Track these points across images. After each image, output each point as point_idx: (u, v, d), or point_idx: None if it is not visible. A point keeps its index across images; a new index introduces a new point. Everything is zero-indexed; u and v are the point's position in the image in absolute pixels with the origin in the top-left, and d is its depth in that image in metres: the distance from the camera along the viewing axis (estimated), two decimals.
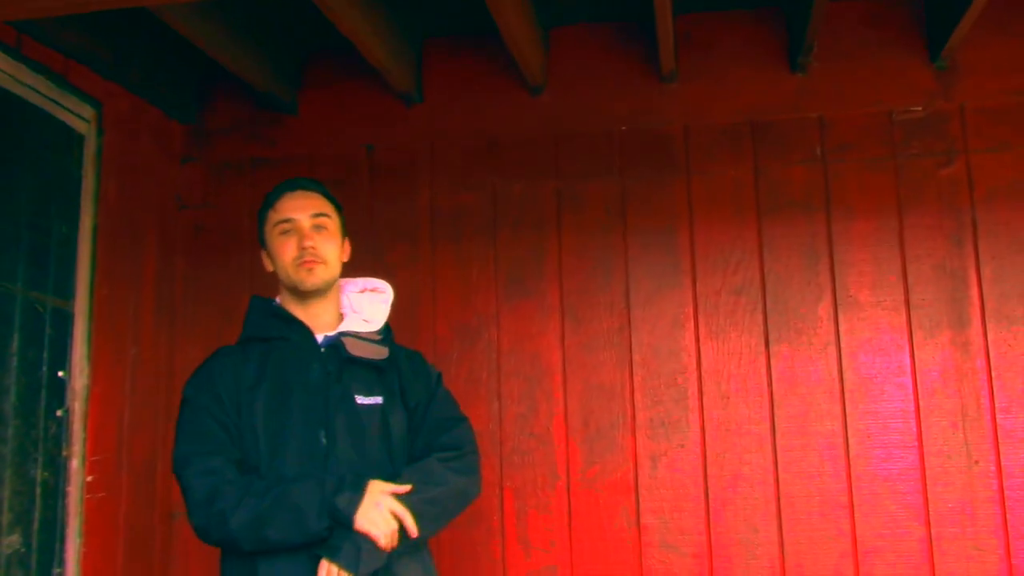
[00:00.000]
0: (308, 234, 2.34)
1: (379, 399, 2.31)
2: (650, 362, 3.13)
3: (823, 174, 3.19)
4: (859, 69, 3.22)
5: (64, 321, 2.87)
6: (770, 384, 3.07)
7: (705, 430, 3.06)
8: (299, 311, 2.38)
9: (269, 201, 2.45)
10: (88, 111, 3.02)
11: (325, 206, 2.42)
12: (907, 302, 3.08)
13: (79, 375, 2.89)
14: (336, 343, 2.35)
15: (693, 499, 3.03)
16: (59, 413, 2.82)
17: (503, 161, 3.33)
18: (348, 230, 3.28)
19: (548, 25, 3.36)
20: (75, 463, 2.85)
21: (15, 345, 2.67)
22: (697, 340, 3.12)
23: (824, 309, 3.09)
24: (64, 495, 2.81)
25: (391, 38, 3.14)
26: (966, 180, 3.13)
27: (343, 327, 2.39)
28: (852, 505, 2.97)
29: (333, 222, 2.42)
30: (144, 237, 3.25)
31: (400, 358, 2.43)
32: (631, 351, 3.14)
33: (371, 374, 2.34)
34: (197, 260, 3.37)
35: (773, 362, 3.08)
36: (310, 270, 2.31)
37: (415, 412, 2.38)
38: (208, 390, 2.32)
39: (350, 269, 3.28)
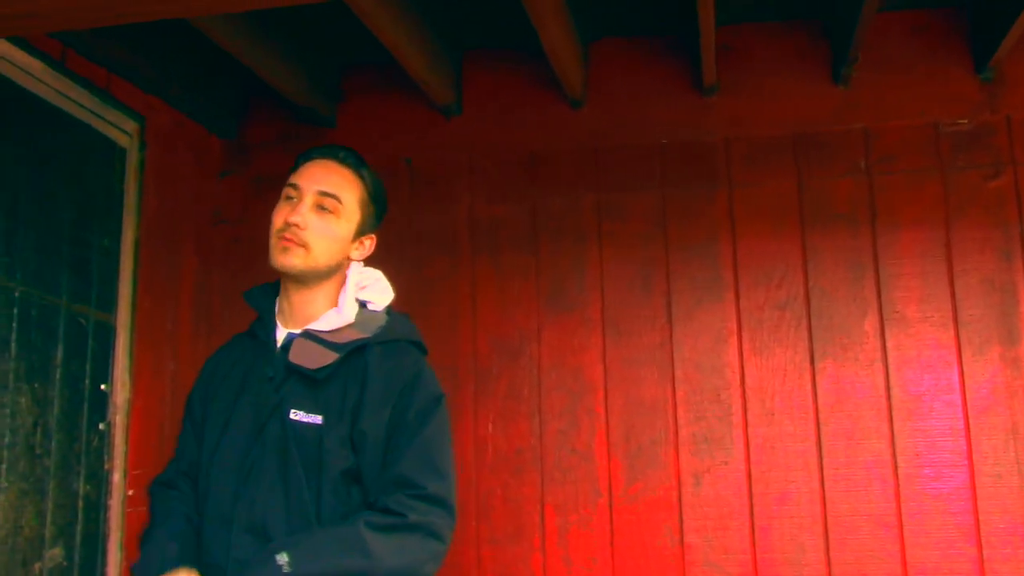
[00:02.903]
0: (300, 209, 1.96)
1: (318, 418, 1.87)
2: (693, 377, 3.09)
3: (868, 187, 3.14)
4: (903, 80, 3.18)
5: (106, 334, 2.88)
6: (815, 401, 3.02)
7: (749, 447, 3.01)
8: (283, 299, 2.03)
9: (296, 160, 2.14)
10: (130, 125, 3.03)
11: (343, 186, 2.01)
12: (955, 318, 3.02)
13: (120, 388, 2.89)
14: (289, 344, 1.97)
15: (737, 517, 2.98)
16: (101, 426, 2.82)
17: (543, 174, 3.31)
18: (387, 242, 3.26)
19: (588, 39, 3.34)
20: (116, 476, 2.85)
21: (59, 358, 2.67)
22: (740, 355, 3.07)
23: (870, 324, 3.04)
24: (106, 508, 2.81)
25: (431, 51, 3.13)
26: (1014, 193, 3.07)
27: (313, 324, 1.97)
28: (901, 525, 2.91)
29: (346, 207, 2.01)
30: (183, 250, 3.26)
31: (369, 369, 1.90)
32: (673, 366, 3.10)
33: (312, 386, 1.91)
34: (235, 273, 3.37)
35: (818, 378, 3.03)
36: (285, 249, 1.95)
37: (367, 444, 1.86)
38: (194, 389, 2.16)
39: (389, 281, 3.27)
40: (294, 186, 2.00)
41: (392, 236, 3.32)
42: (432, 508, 1.83)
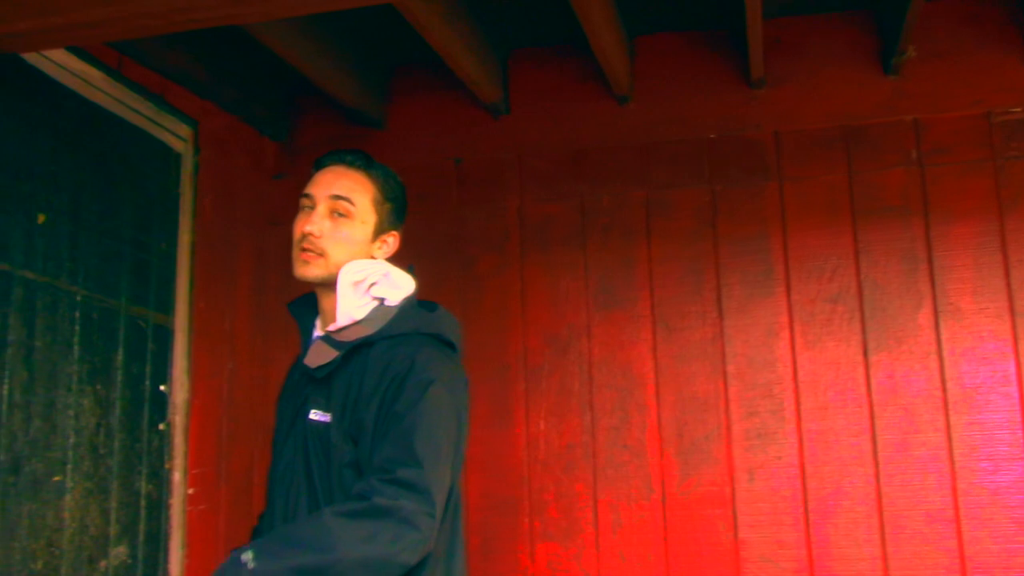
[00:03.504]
0: (314, 217, 1.98)
1: (328, 416, 1.90)
2: (745, 372, 3.08)
3: (920, 178, 3.11)
4: (955, 70, 3.14)
5: (165, 336, 2.93)
6: (869, 394, 2.99)
7: (803, 442, 3.00)
8: (319, 305, 2.07)
9: (312, 170, 2.14)
10: (185, 130, 3.09)
11: (355, 189, 2.02)
12: (1011, 308, 2.99)
13: (180, 389, 2.95)
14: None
15: (792, 512, 2.97)
16: (161, 427, 2.88)
17: (591, 170, 3.32)
18: (437, 242, 3.29)
19: (634, 34, 3.34)
20: (177, 476, 2.90)
21: (120, 360, 2.73)
22: (793, 350, 3.06)
23: (924, 317, 3.01)
24: (167, 507, 2.87)
25: (479, 50, 3.15)
26: None
27: (331, 326, 1.99)
28: (958, 519, 2.89)
29: (360, 209, 2.01)
30: (239, 252, 3.31)
31: (368, 363, 1.91)
32: (725, 361, 3.09)
33: (324, 386, 1.95)
34: (290, 274, 3.39)
35: (872, 372, 3.01)
36: (304, 262, 1.98)
37: (362, 436, 1.86)
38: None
39: (440, 280, 3.31)
40: (308, 196, 2.02)
41: (441, 236, 3.37)
42: (402, 492, 1.74)
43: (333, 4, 2.21)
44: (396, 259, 2.13)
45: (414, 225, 3.32)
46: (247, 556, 1.66)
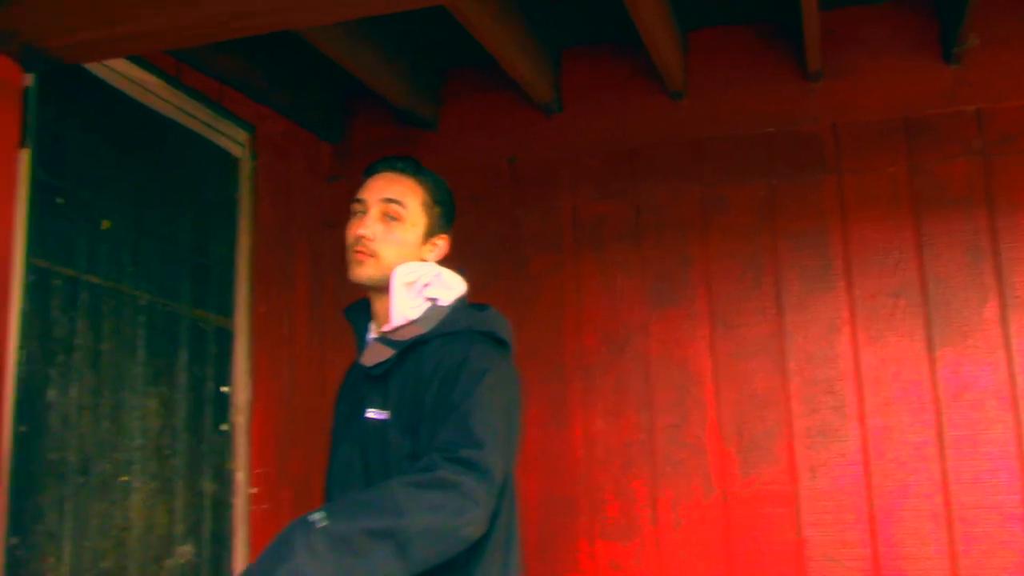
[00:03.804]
0: (367, 221, 2.02)
1: (386, 414, 1.94)
2: (805, 369, 3.04)
3: (983, 169, 3.04)
4: (1018, 58, 3.06)
5: (226, 338, 2.98)
6: (935, 390, 2.93)
7: (867, 439, 2.95)
8: (372, 308, 2.10)
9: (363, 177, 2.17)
10: (242, 135, 3.13)
11: (405, 192, 2.05)
12: None
13: (241, 390, 2.99)
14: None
15: (856, 511, 2.92)
16: (224, 427, 2.92)
17: (645, 168, 3.30)
18: (491, 242, 3.30)
19: (686, 28, 3.31)
20: (240, 476, 2.94)
21: (183, 362, 2.78)
22: (854, 345, 3.01)
23: (990, 311, 2.95)
24: (230, 507, 2.91)
25: (531, 50, 3.15)
26: None
27: (386, 326, 2.03)
28: None
29: (410, 212, 2.05)
30: (297, 254, 3.35)
31: (424, 360, 1.94)
32: (785, 358, 3.05)
33: (380, 384, 1.98)
34: (346, 276, 3.43)
35: (937, 367, 2.94)
36: (359, 263, 2.01)
37: (420, 429, 1.89)
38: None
39: (494, 280, 3.32)
40: (360, 201, 2.06)
41: (495, 236, 3.38)
42: (464, 470, 1.77)
43: (385, 7, 2.22)
44: (446, 262, 2.14)
45: (467, 225, 3.33)
46: (317, 516, 1.69)
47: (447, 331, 1.97)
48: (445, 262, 2.13)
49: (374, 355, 1.97)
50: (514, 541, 1.95)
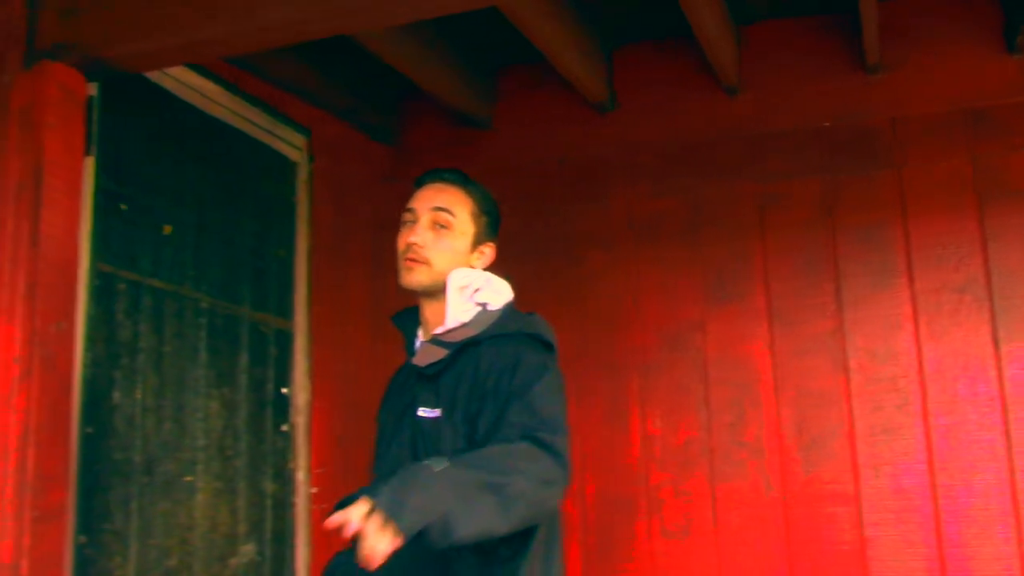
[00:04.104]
0: (417, 229, 2.09)
1: (438, 411, 1.99)
2: (867, 366, 2.99)
3: None
4: None
5: (286, 340, 3.02)
6: (1002, 387, 2.87)
7: (931, 437, 2.89)
8: (421, 313, 2.17)
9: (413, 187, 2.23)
10: (299, 139, 3.17)
11: (454, 202, 2.12)
12: None
13: (301, 391, 3.03)
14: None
15: (921, 510, 2.87)
16: (284, 428, 2.97)
17: (700, 164, 3.27)
18: (545, 241, 3.30)
19: (741, 22, 3.28)
20: (300, 476, 2.98)
21: (244, 364, 2.82)
22: (917, 342, 2.95)
23: None
24: (292, 506, 2.95)
25: (584, 48, 3.14)
26: None
27: (438, 329, 2.09)
28: None
29: (459, 220, 2.11)
30: (354, 257, 3.38)
31: (476, 360, 2.00)
32: (846, 355, 3.01)
33: (432, 384, 2.04)
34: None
35: (1004, 363, 2.88)
36: (409, 269, 2.08)
37: (477, 426, 1.93)
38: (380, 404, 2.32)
39: (548, 279, 3.32)
40: (410, 210, 2.14)
41: (549, 234, 3.37)
42: (540, 450, 1.84)
43: (438, 9, 2.24)
44: (493, 268, 2.19)
45: (522, 224, 3.36)
46: (439, 462, 1.75)
47: (497, 333, 2.03)
48: (492, 268, 2.18)
49: (427, 356, 2.04)
50: (556, 539, 2.00)
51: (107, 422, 2.34)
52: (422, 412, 2.01)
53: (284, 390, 2.99)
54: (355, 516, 1.59)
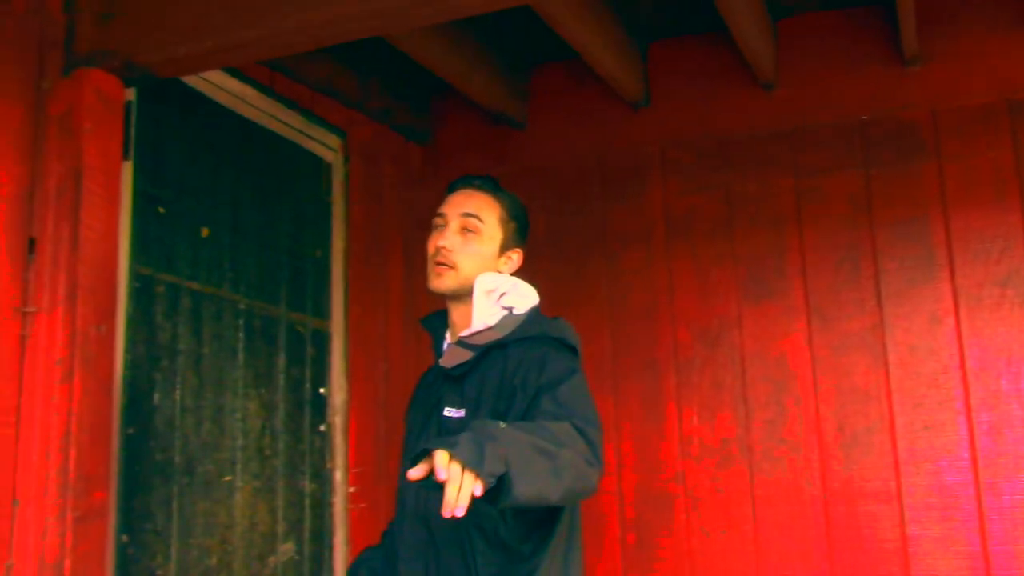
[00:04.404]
0: (446, 234, 2.14)
1: (463, 412, 2.04)
2: (907, 362, 2.94)
3: None
4: None
5: (323, 340, 3.04)
6: None
7: (974, 433, 2.84)
8: (449, 316, 2.22)
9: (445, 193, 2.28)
10: (334, 140, 3.19)
11: (483, 208, 2.16)
12: None
13: (338, 391, 3.05)
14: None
15: (964, 508, 2.82)
16: (322, 428, 2.99)
17: (736, 159, 3.24)
18: (581, 238, 3.30)
19: (776, 16, 3.24)
20: (338, 475, 3.00)
21: (281, 364, 2.85)
22: (959, 337, 2.91)
23: None
24: (330, 505, 2.97)
25: (618, 45, 3.13)
26: None
27: (464, 331, 2.14)
28: None
29: (487, 226, 2.15)
30: (390, 256, 3.40)
31: (501, 362, 2.04)
32: (886, 351, 2.97)
33: (458, 385, 2.08)
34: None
35: None
36: (438, 275, 2.14)
37: (506, 421, 1.94)
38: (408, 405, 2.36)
39: (585, 276, 3.31)
40: (441, 215, 2.18)
41: (585, 232, 3.37)
42: (579, 435, 1.85)
43: (471, 8, 2.24)
44: (525, 268, 2.22)
45: (557, 222, 3.36)
46: (497, 422, 1.78)
47: (522, 336, 2.07)
48: (526, 267, 2.21)
49: (453, 357, 2.08)
50: (576, 540, 2.03)
51: (147, 423, 2.37)
52: (448, 412, 2.05)
53: (322, 390, 3.01)
54: (440, 463, 1.57)
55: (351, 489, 3.02)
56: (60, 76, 2.23)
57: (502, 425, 1.74)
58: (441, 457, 1.57)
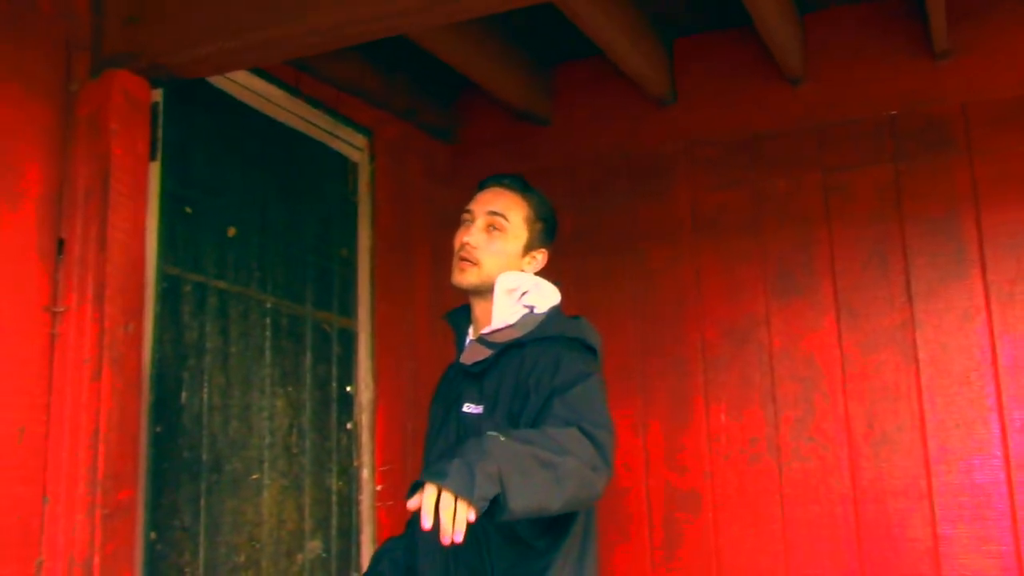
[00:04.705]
0: (472, 230, 2.17)
1: (480, 408, 2.07)
2: (938, 359, 2.91)
3: None
4: None
5: (349, 339, 3.05)
6: None
7: (1007, 431, 2.81)
8: (472, 312, 2.25)
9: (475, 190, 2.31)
10: (360, 139, 3.20)
11: (510, 207, 2.18)
12: None
13: (365, 389, 3.06)
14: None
15: (997, 507, 2.78)
16: (349, 426, 3.00)
17: (764, 156, 3.22)
18: (608, 236, 3.29)
19: (803, 10, 3.21)
20: (365, 473, 3.01)
21: (308, 363, 2.86)
22: (991, 334, 2.87)
23: None
24: (357, 503, 2.98)
25: (643, 42, 3.12)
26: None
27: (485, 329, 2.16)
28: None
29: (513, 225, 2.17)
30: (417, 255, 3.41)
31: (519, 361, 2.06)
32: (916, 348, 2.93)
33: (477, 381, 2.11)
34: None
35: None
36: (461, 270, 2.18)
37: (519, 424, 1.99)
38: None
39: (612, 274, 3.30)
40: (469, 211, 2.22)
41: (611, 230, 3.35)
42: (588, 439, 1.86)
43: (495, 6, 2.24)
44: (552, 266, 2.23)
45: (584, 220, 3.35)
46: (493, 435, 1.79)
47: (541, 336, 2.10)
48: (552, 265, 2.23)
49: (473, 354, 2.12)
50: (592, 538, 2.04)
51: (175, 421, 2.39)
52: (466, 408, 2.09)
53: (348, 388, 3.02)
54: (428, 502, 1.60)
55: (378, 487, 3.03)
56: (88, 78, 2.25)
57: (501, 438, 1.74)
58: (429, 496, 1.60)
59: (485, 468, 1.64)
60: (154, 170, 2.39)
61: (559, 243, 2.29)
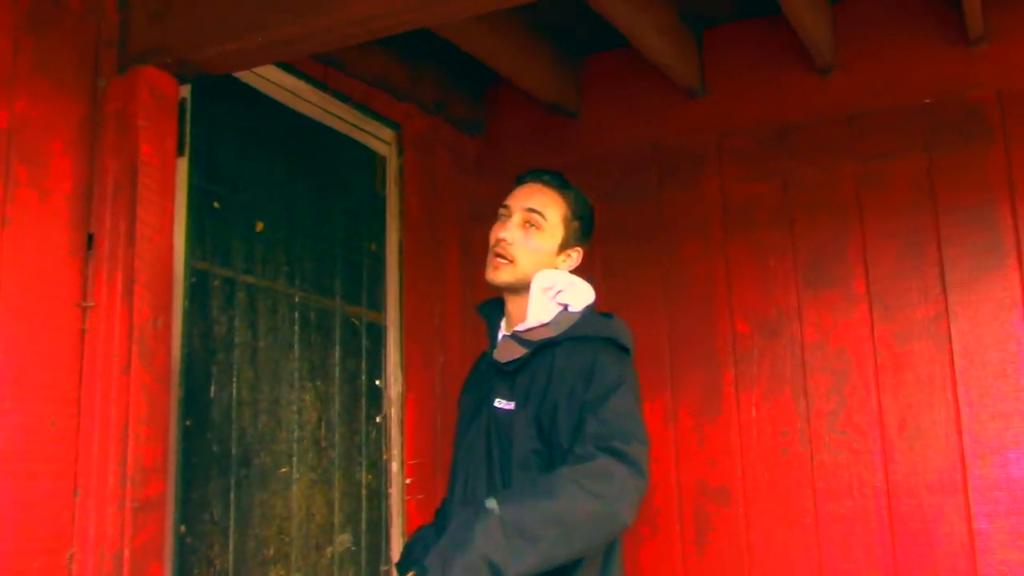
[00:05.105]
0: (508, 225, 2.17)
1: (512, 405, 2.07)
2: (973, 351, 2.86)
3: None
4: None
5: (378, 333, 3.06)
6: None
7: None
8: (506, 307, 2.25)
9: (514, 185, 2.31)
10: (388, 133, 3.20)
11: (547, 204, 2.18)
12: None
13: (394, 383, 3.07)
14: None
15: None
16: (378, 419, 3.01)
17: (794, 146, 3.18)
18: (638, 228, 3.27)
19: (833, 0, 3.17)
20: (394, 466, 3.02)
21: (336, 357, 2.87)
22: None
23: None
24: (386, 497, 2.99)
25: (672, 33, 3.09)
26: None
27: (519, 326, 2.16)
28: None
29: (550, 223, 2.17)
30: (446, 248, 3.40)
31: (554, 361, 2.07)
32: (951, 340, 2.89)
33: (510, 378, 2.12)
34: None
35: None
36: (496, 268, 2.17)
37: (553, 425, 2.01)
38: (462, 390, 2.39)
39: (642, 267, 3.28)
40: (506, 207, 2.21)
41: (642, 222, 3.33)
42: (618, 461, 1.91)
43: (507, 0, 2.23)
44: (578, 272, 2.22)
45: (614, 213, 3.32)
46: (492, 504, 1.84)
47: (576, 335, 2.10)
48: (576, 273, 2.22)
49: (507, 352, 2.13)
50: (616, 547, 2.04)
51: (204, 415, 2.40)
52: (498, 403, 2.09)
53: (377, 382, 3.03)
54: None
55: (407, 480, 3.03)
56: (115, 74, 2.27)
57: (496, 512, 1.80)
58: None
59: (464, 561, 1.74)
60: (182, 165, 2.41)
61: (591, 243, 2.28)
